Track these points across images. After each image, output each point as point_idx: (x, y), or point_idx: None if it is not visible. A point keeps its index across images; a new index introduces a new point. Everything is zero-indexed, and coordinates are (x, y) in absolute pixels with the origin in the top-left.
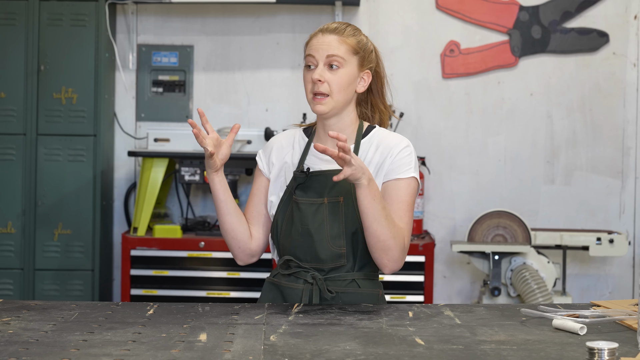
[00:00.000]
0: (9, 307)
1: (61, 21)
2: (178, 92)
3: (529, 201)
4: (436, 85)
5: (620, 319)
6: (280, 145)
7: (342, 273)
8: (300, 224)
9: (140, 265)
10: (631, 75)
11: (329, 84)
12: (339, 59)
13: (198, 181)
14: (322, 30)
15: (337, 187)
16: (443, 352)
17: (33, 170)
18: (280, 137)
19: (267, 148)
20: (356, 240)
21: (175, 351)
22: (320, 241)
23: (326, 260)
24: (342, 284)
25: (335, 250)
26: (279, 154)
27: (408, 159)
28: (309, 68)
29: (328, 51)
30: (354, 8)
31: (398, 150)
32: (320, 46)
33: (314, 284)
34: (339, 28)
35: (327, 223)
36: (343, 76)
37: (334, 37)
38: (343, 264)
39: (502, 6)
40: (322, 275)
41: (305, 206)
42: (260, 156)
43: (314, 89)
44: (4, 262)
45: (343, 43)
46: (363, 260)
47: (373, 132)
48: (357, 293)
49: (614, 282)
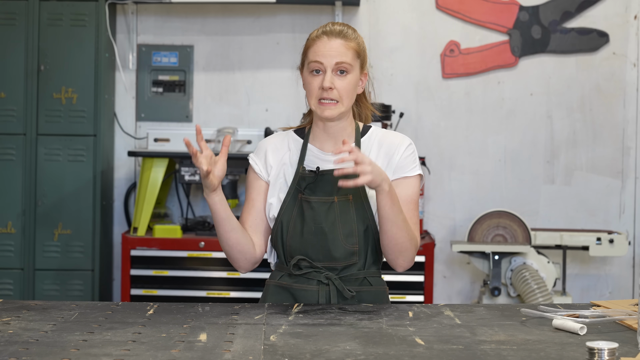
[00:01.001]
0: (9, 307)
1: (61, 21)
2: (178, 92)
3: (529, 201)
4: (436, 85)
5: (620, 319)
6: (275, 147)
7: (354, 272)
8: (313, 223)
9: (140, 265)
10: (631, 75)
11: (339, 90)
12: (347, 65)
13: (198, 181)
14: (326, 34)
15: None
16: (443, 352)
17: (33, 170)
18: (272, 139)
19: (259, 151)
20: (367, 238)
21: (175, 351)
22: (333, 239)
23: (339, 258)
24: (355, 283)
25: (349, 248)
26: (275, 156)
27: (413, 157)
28: (314, 73)
29: (337, 58)
30: (354, 8)
31: (404, 148)
32: (329, 52)
33: (329, 284)
34: (344, 31)
35: (339, 221)
36: (351, 81)
37: (340, 41)
38: (355, 261)
39: (502, 6)
40: (335, 275)
41: (317, 205)
42: (255, 160)
43: (322, 95)
44: (4, 262)
45: (349, 48)
46: (372, 257)
47: (371, 131)
48: (371, 291)
49: (614, 282)
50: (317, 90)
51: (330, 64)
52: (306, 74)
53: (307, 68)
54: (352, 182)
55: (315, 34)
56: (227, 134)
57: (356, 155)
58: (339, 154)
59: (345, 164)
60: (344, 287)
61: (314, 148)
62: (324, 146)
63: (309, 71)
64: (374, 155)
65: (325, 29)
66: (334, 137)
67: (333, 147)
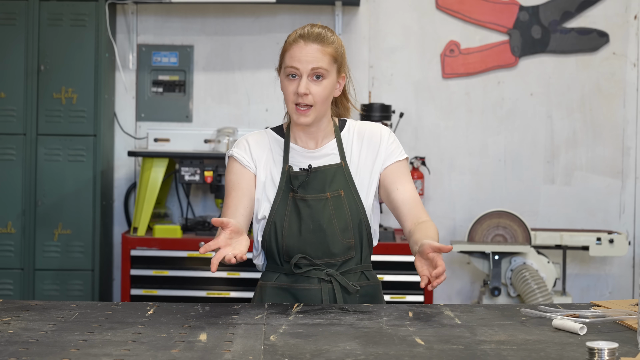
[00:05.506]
0: (9, 307)
1: (61, 21)
2: (178, 92)
3: (529, 201)
4: (436, 85)
5: (620, 319)
6: (256, 143)
7: (352, 266)
8: (311, 220)
9: (140, 265)
10: (631, 75)
11: (314, 96)
12: (322, 70)
13: (198, 181)
14: (303, 38)
15: (336, 181)
16: (443, 352)
17: (33, 170)
18: (253, 136)
19: (240, 145)
20: (361, 231)
21: (175, 351)
22: (331, 235)
23: (338, 253)
24: (354, 278)
25: (346, 243)
26: (259, 152)
27: (396, 142)
28: (290, 77)
29: (313, 64)
30: (354, 8)
31: (387, 137)
32: (305, 58)
33: (332, 281)
34: (321, 34)
35: (334, 217)
36: (327, 86)
37: (317, 46)
38: (352, 255)
39: (502, 6)
40: (335, 271)
41: (314, 202)
42: (240, 153)
43: (297, 100)
44: (4, 262)
45: (325, 54)
46: (366, 250)
47: (348, 125)
48: (370, 285)
49: (614, 282)
50: (293, 95)
51: (306, 70)
52: (283, 76)
53: (284, 72)
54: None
55: (293, 38)
56: (227, 134)
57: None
58: (439, 278)
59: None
60: (347, 283)
61: (297, 147)
62: (307, 144)
63: (285, 75)
64: (357, 147)
65: (303, 31)
66: (314, 137)
67: (308, 140)
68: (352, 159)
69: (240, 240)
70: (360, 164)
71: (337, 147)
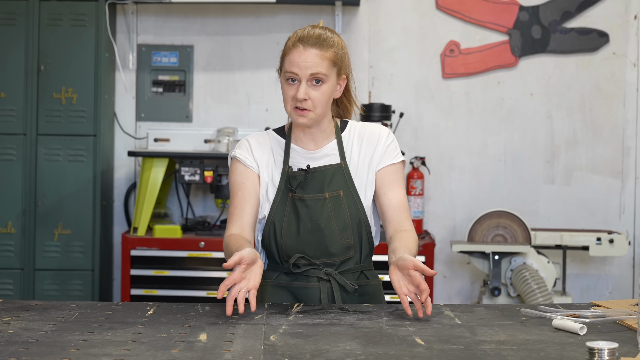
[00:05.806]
0: (9, 307)
1: (61, 21)
2: (178, 92)
3: (529, 201)
4: (436, 85)
5: (620, 319)
6: (258, 144)
7: (351, 266)
8: (309, 220)
9: (140, 265)
10: (631, 75)
11: (313, 100)
12: (322, 75)
13: (198, 181)
14: (302, 42)
15: (335, 182)
16: (443, 352)
17: (33, 170)
18: (254, 137)
19: (242, 146)
20: (360, 231)
21: (175, 351)
22: (330, 235)
23: (336, 253)
24: (353, 277)
25: (344, 243)
26: (260, 153)
27: (394, 145)
28: (289, 82)
29: (312, 69)
30: (354, 8)
31: (385, 138)
32: (303, 64)
33: (331, 280)
34: (321, 37)
35: (333, 217)
36: (326, 91)
37: (316, 51)
38: (351, 255)
39: (502, 6)
40: (334, 270)
41: (312, 202)
42: (242, 154)
43: (296, 104)
44: (4, 262)
45: (324, 59)
46: (366, 250)
47: (349, 126)
48: (369, 285)
49: (614, 282)
50: (292, 100)
51: (305, 75)
52: (282, 80)
53: (283, 75)
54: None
55: (292, 41)
56: (227, 134)
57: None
58: (426, 302)
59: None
60: (345, 281)
61: (298, 148)
62: (308, 146)
63: (285, 79)
64: (356, 149)
65: (303, 34)
66: (315, 138)
67: (309, 143)
68: (351, 159)
69: (254, 269)
70: (359, 164)
71: (337, 148)
